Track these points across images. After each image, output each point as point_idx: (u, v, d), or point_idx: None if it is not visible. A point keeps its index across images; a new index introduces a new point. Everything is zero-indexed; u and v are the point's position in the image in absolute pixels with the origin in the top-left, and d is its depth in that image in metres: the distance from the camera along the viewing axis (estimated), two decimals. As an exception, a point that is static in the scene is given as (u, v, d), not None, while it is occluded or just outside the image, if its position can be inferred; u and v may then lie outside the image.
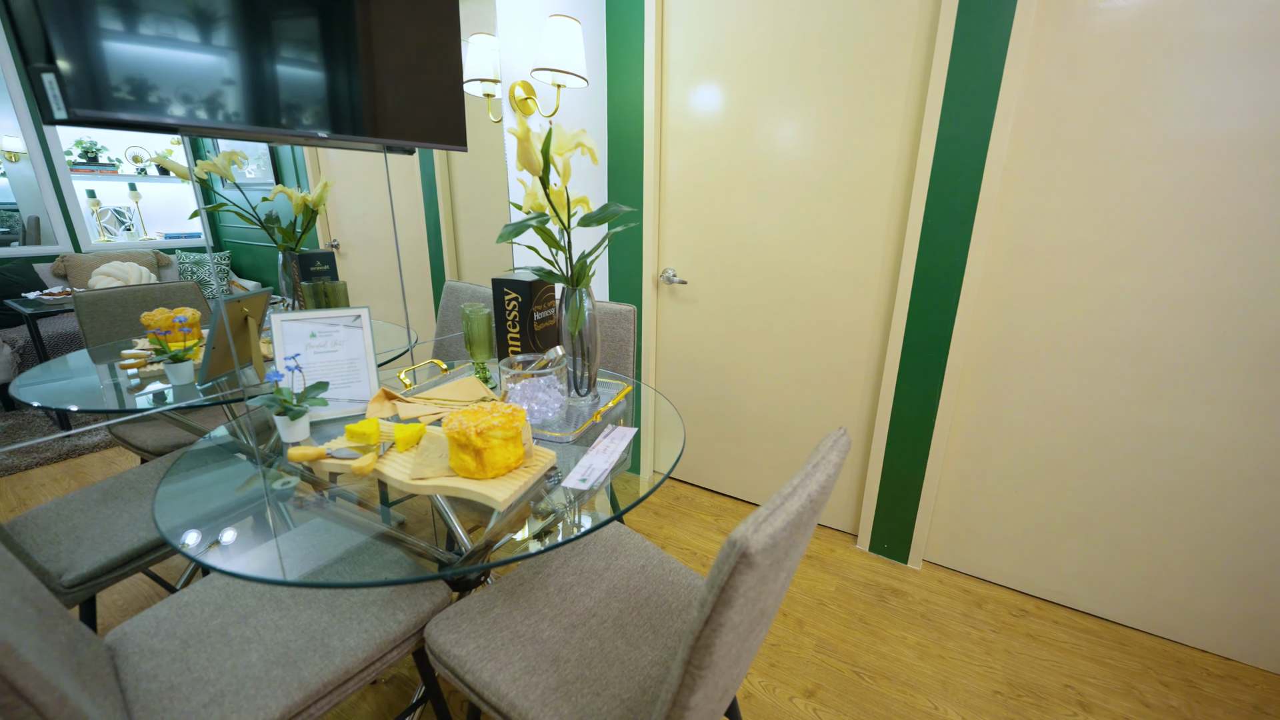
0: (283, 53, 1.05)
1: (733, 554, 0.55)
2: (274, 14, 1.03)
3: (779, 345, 1.97)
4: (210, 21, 0.95)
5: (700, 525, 2.08)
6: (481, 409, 0.89)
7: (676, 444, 1.11)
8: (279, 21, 1.05)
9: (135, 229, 1.78)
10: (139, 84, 0.90)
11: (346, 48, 1.14)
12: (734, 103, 1.84)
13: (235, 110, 1.01)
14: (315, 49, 1.09)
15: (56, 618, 0.82)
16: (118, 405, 1.38)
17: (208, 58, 0.97)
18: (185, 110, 0.94)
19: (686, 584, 1.09)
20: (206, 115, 0.97)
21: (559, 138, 0.90)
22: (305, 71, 1.09)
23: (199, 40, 0.95)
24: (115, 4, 0.87)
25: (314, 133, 1.11)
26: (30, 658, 0.62)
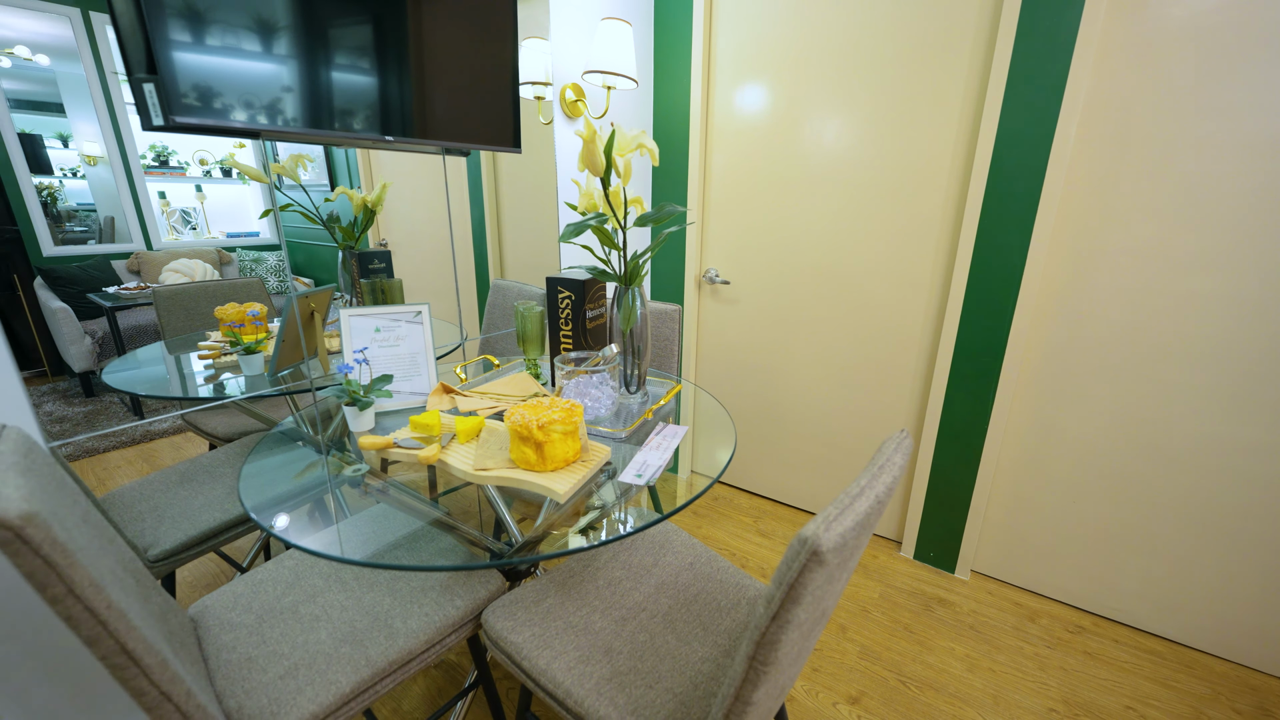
0: (358, 64, 1.10)
1: (803, 551, 0.56)
2: (351, 29, 1.08)
3: (822, 347, 1.95)
4: (295, 37, 1.01)
5: (739, 526, 2.07)
6: (540, 404, 0.92)
7: (718, 444, 1.12)
8: (355, 36, 1.10)
9: (200, 228, 1.90)
10: (230, 93, 0.96)
11: (415, 58, 1.18)
12: (780, 101, 1.83)
13: (313, 116, 1.06)
14: (387, 60, 1.14)
15: (150, 588, 0.88)
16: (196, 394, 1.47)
17: (289, 69, 1.02)
18: (268, 117, 1.00)
19: (735, 583, 1.09)
20: (286, 122, 1.02)
21: (620, 139, 0.92)
22: (377, 80, 1.14)
23: (283, 53, 1.01)
24: (212, 20, 0.93)
25: (382, 137, 1.15)
26: (137, 623, 0.67)
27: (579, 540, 0.84)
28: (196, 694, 0.72)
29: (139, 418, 1.87)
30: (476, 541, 0.96)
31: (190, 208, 1.87)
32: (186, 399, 1.45)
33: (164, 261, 1.87)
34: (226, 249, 1.97)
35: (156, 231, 1.79)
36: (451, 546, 1.05)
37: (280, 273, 2.13)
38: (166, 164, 1.79)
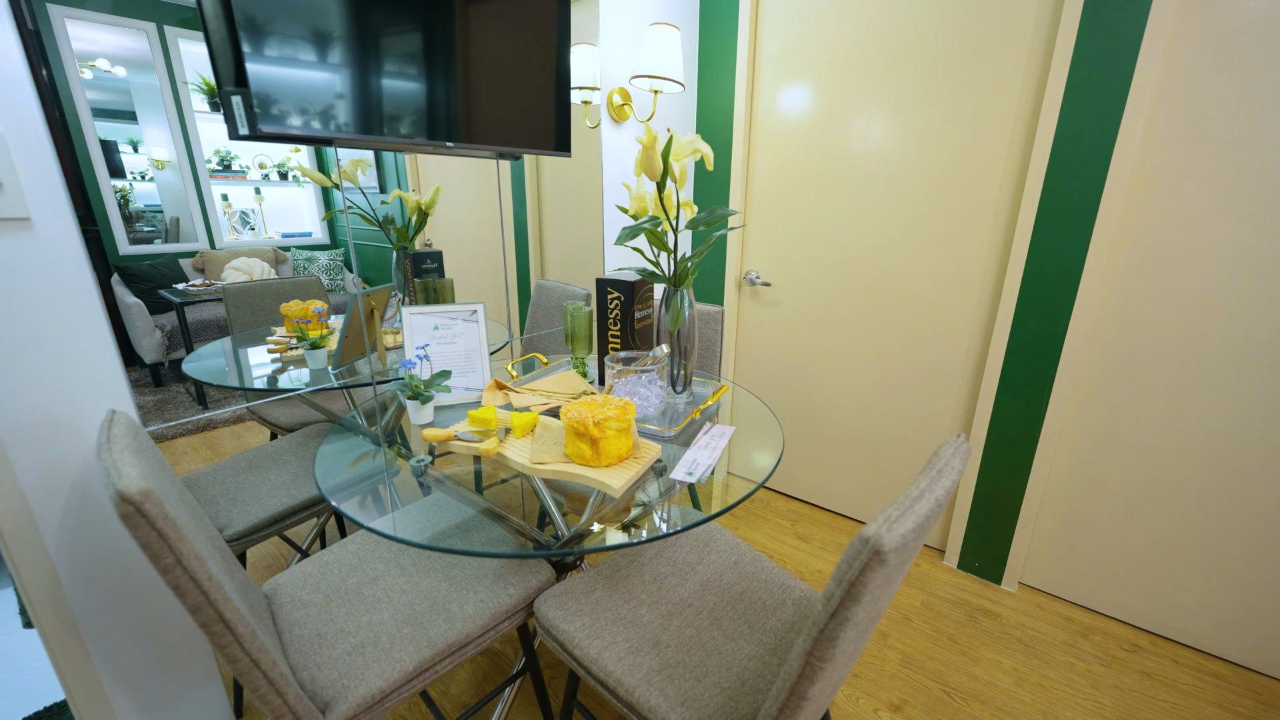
0: (424, 76, 1.15)
1: (865, 551, 0.57)
2: (419, 43, 1.14)
3: (865, 351, 1.93)
4: (370, 52, 1.07)
5: (776, 529, 2.06)
6: (594, 402, 0.94)
7: (758, 446, 1.13)
8: (423, 49, 1.15)
9: (258, 228, 2.01)
10: (309, 104, 1.02)
11: (477, 67, 1.23)
12: (825, 101, 1.82)
13: (381, 125, 1.12)
14: (452, 72, 1.19)
15: (232, 565, 0.95)
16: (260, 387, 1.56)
17: (362, 82, 1.08)
18: (341, 126, 1.06)
19: (780, 584, 1.10)
20: (357, 130, 1.08)
21: (676, 145, 0.94)
22: (443, 90, 1.19)
23: (358, 67, 1.07)
24: (296, 36, 1.00)
25: (444, 143, 1.21)
26: (232, 595, 0.72)
27: (623, 536, 0.86)
28: (280, 663, 0.77)
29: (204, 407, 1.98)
30: (525, 533, 1.00)
31: (249, 209, 1.98)
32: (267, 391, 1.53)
33: (226, 260, 1.98)
34: (281, 248, 2.08)
35: (219, 231, 1.91)
36: (501, 537, 1.09)
37: (331, 271, 2.24)
38: (229, 168, 1.90)
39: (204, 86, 1.77)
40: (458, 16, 1.19)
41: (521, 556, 0.90)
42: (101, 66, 1.47)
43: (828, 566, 1.85)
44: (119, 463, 0.68)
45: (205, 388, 1.79)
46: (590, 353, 1.38)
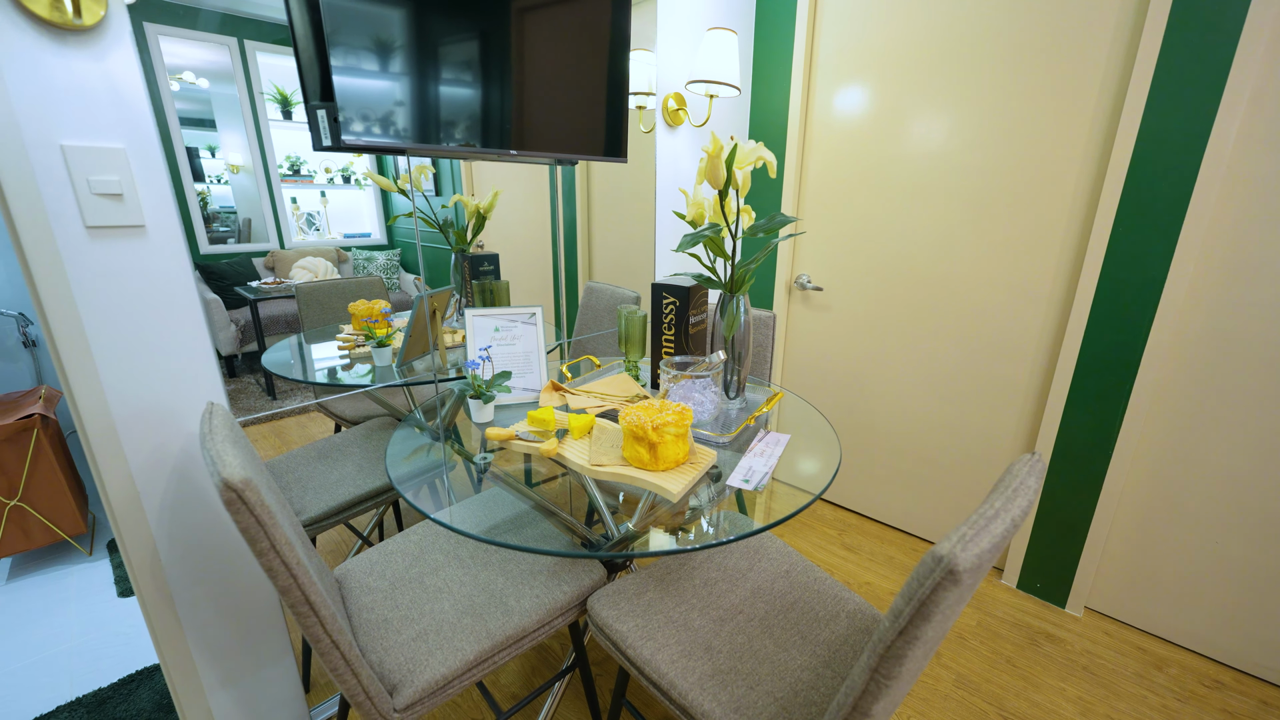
0: (493, 87, 1.20)
1: (938, 569, 0.56)
2: (487, 57, 1.18)
3: (921, 358, 1.87)
4: (444, 66, 1.12)
5: (822, 538, 2.03)
6: (651, 406, 0.96)
7: (809, 456, 1.11)
8: (491, 62, 1.20)
9: (322, 229, 2.12)
10: (385, 116, 1.08)
11: (540, 77, 1.27)
12: (885, 101, 1.77)
13: (449, 135, 1.17)
14: (516, 82, 1.23)
15: (309, 550, 1.01)
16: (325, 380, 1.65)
17: (435, 95, 1.13)
18: (414, 136, 1.12)
19: (833, 595, 1.08)
20: (428, 140, 1.14)
21: (740, 153, 0.94)
22: (507, 100, 1.23)
23: (433, 80, 1.12)
24: (378, 53, 1.05)
25: (507, 151, 1.25)
26: (315, 579, 0.77)
27: (675, 540, 0.87)
28: (355, 645, 0.82)
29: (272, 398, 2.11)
30: (576, 530, 1.02)
31: (315, 211, 2.10)
32: (338, 386, 1.62)
33: (293, 259, 2.11)
34: (343, 249, 2.20)
35: (288, 232, 2.03)
36: (552, 533, 1.12)
37: (388, 270, 2.34)
38: (298, 172, 2.02)
39: (278, 96, 1.89)
40: (527, 28, 1.23)
41: (579, 556, 0.92)
42: (188, 79, 1.58)
43: (876, 579, 1.81)
44: (221, 453, 0.73)
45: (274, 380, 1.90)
46: (643, 356, 1.39)
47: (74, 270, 0.87)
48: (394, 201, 2.30)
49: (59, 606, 1.68)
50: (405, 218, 1.95)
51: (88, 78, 0.84)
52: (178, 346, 0.99)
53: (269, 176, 1.95)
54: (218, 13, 1.54)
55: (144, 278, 0.93)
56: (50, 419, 1.80)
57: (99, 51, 0.85)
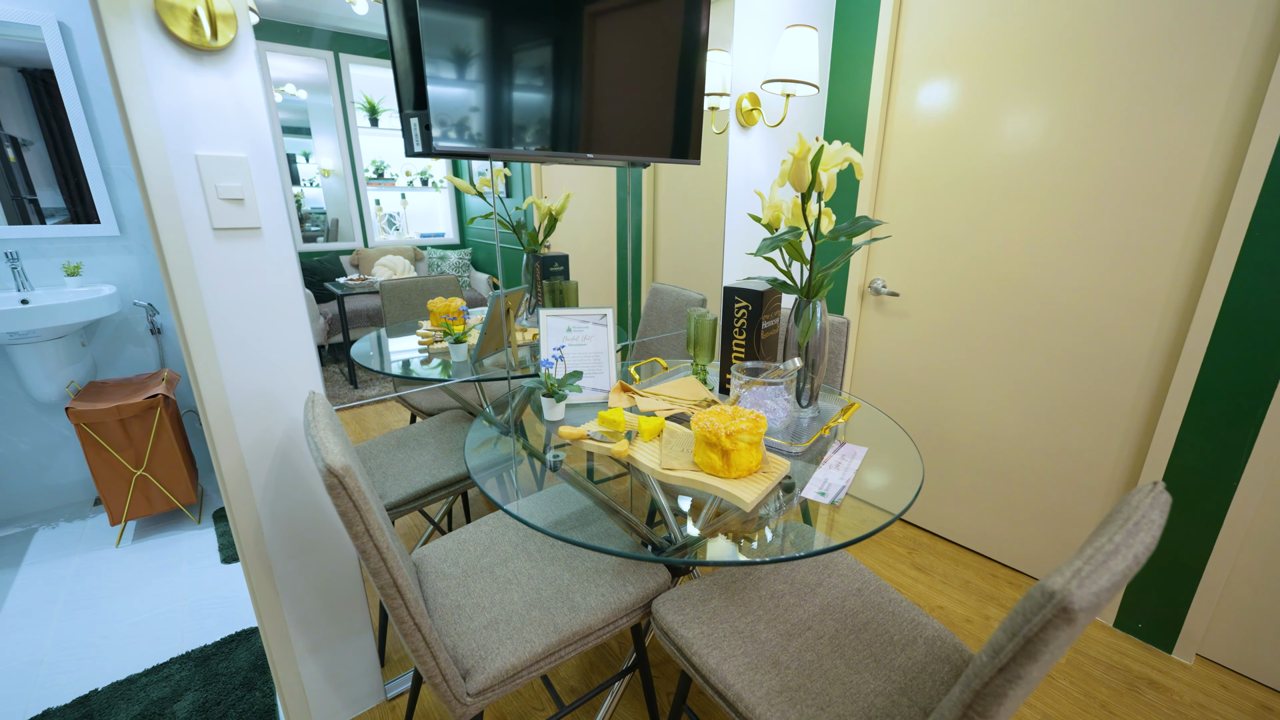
0: (572, 93, 1.23)
1: (1049, 605, 0.51)
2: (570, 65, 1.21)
3: (1008, 371, 1.74)
4: (526, 74, 1.16)
5: (891, 555, 1.93)
6: (723, 412, 0.94)
7: (888, 471, 1.06)
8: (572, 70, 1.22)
9: (401, 229, 2.25)
10: (472, 123, 1.13)
11: (617, 81, 1.29)
12: (976, 96, 1.66)
13: (530, 139, 1.20)
14: (595, 87, 1.26)
15: (393, 534, 1.07)
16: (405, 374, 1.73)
17: (519, 102, 1.17)
18: (497, 142, 1.16)
19: (909, 619, 1.03)
20: (510, 145, 1.17)
21: (826, 154, 0.91)
22: (586, 106, 1.26)
23: (516, 88, 1.15)
24: (469, 65, 1.10)
25: (584, 155, 1.27)
26: (401, 563, 0.82)
27: (742, 548, 0.85)
28: (434, 628, 0.86)
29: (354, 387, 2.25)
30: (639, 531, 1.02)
31: (395, 212, 2.23)
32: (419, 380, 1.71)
33: (375, 257, 2.24)
34: (420, 247, 2.32)
35: (371, 232, 2.17)
36: (614, 531, 1.13)
37: (459, 269, 2.44)
38: (382, 175, 2.16)
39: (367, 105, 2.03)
40: (606, 33, 1.24)
41: (649, 560, 0.92)
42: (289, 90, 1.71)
43: (950, 603, 1.70)
44: (324, 440, 0.79)
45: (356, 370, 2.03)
46: (712, 360, 1.38)
47: (202, 268, 0.96)
48: (467, 203, 2.40)
49: (172, 568, 1.87)
50: (483, 219, 2.03)
51: (218, 93, 0.93)
52: (284, 338, 1.07)
53: (356, 180, 2.09)
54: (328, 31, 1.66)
55: (258, 275, 1.02)
56: (171, 399, 2.00)
57: (228, 69, 0.93)
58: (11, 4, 1.82)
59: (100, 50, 1.98)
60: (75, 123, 1.97)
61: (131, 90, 0.85)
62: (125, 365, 2.23)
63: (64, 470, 2.18)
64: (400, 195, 2.23)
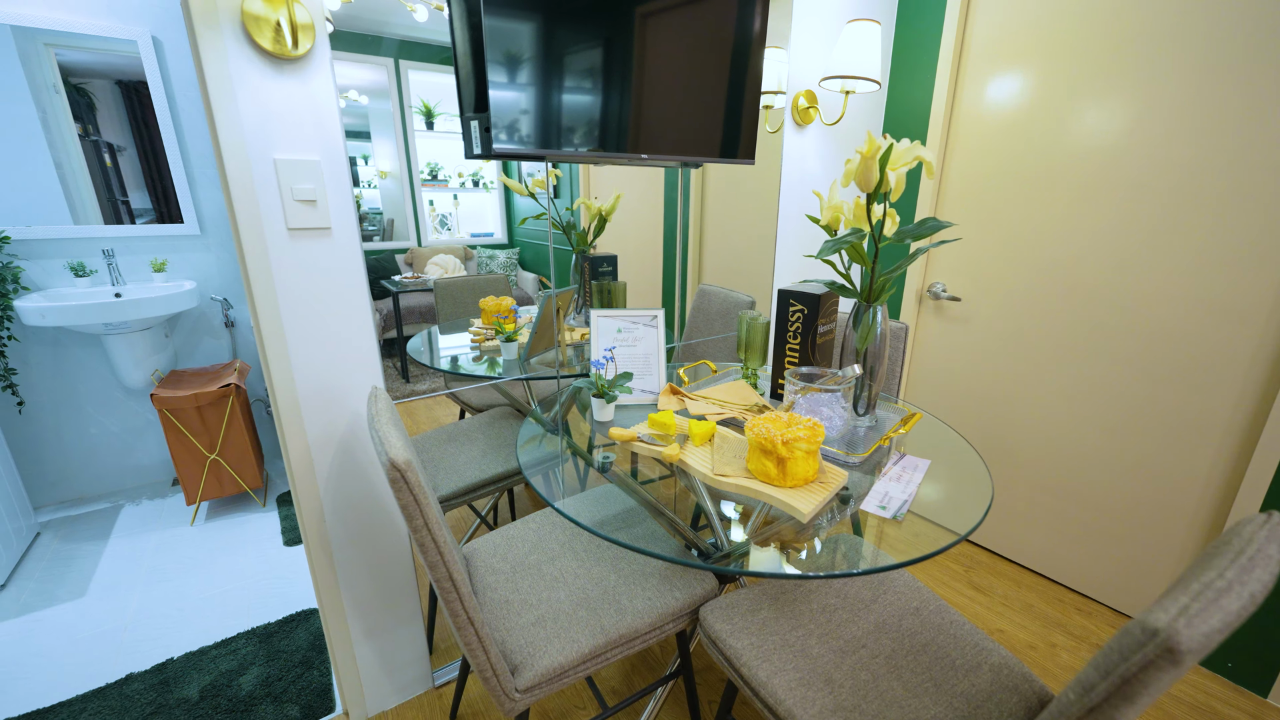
0: (628, 96, 1.23)
1: (1151, 645, 0.47)
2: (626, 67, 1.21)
3: (1084, 384, 1.63)
4: (587, 78, 1.16)
5: (946, 573, 1.85)
6: (778, 418, 0.92)
7: (950, 486, 1.00)
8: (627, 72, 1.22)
9: (453, 229, 2.31)
10: (529, 126, 1.14)
11: (672, 83, 1.28)
12: (1051, 91, 1.56)
13: (585, 141, 1.21)
14: (651, 89, 1.25)
15: (446, 528, 1.09)
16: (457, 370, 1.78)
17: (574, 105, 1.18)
18: (553, 144, 1.16)
19: (973, 643, 0.97)
20: (565, 147, 1.18)
21: (895, 153, 0.87)
22: (640, 107, 1.25)
23: (572, 91, 1.16)
24: (527, 69, 1.11)
25: (638, 155, 1.26)
26: (455, 556, 0.83)
27: (780, 557, 0.83)
28: (485, 622, 0.87)
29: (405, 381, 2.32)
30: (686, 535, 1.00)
31: (448, 212, 2.30)
32: (471, 377, 1.74)
33: (428, 256, 2.31)
34: (470, 247, 2.38)
35: (425, 231, 2.24)
36: (661, 535, 1.12)
37: (507, 268, 2.49)
38: (436, 177, 2.22)
39: (423, 109, 2.09)
40: (663, 34, 1.24)
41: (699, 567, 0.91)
42: (352, 96, 1.78)
43: (1011, 627, 1.61)
44: (387, 435, 0.81)
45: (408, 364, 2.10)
46: (763, 364, 1.35)
47: (277, 266, 1.01)
48: (516, 204, 2.44)
49: (240, 548, 1.99)
50: (534, 220, 2.06)
51: (295, 99, 0.97)
52: (350, 334, 1.12)
53: (412, 181, 2.17)
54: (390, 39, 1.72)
55: (327, 274, 1.06)
56: (242, 388, 2.13)
57: (305, 76, 0.97)
58: (111, 21, 1.97)
59: (186, 61, 2.13)
60: (164, 129, 2.12)
61: (219, 98, 0.90)
62: (202, 355, 2.39)
63: (147, 452, 2.35)
64: (453, 196, 2.30)
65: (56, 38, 1.92)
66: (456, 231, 2.37)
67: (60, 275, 2.05)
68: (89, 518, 2.17)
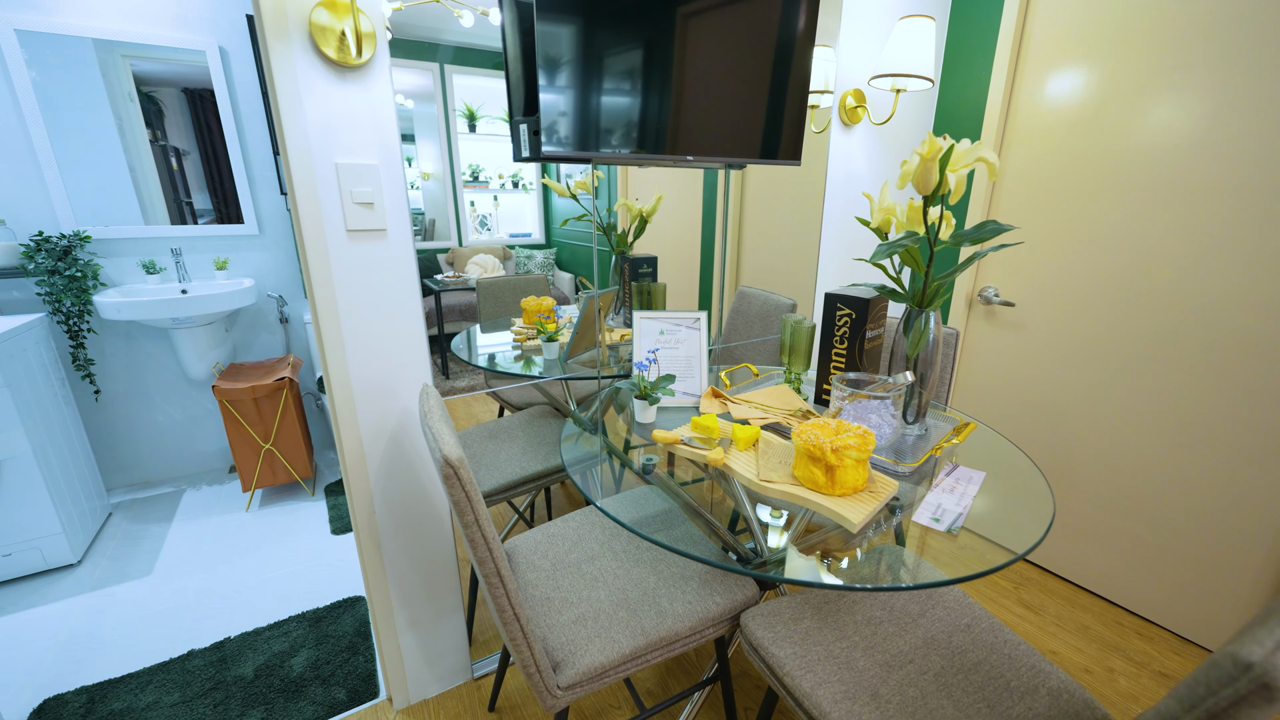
0: (674, 97, 1.22)
1: (1244, 679, 0.44)
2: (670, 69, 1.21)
3: (1154, 397, 1.54)
4: (628, 81, 1.17)
5: (994, 589, 1.78)
6: (827, 425, 0.90)
7: (1002, 499, 0.96)
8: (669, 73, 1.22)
9: (493, 229, 2.36)
10: (576, 129, 1.15)
11: (719, 82, 1.27)
12: (1119, 86, 1.48)
13: (632, 143, 1.21)
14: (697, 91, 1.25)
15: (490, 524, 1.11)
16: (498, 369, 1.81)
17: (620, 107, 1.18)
18: (599, 146, 1.17)
19: (1028, 664, 0.93)
20: (612, 149, 1.19)
21: (956, 154, 0.85)
22: (687, 108, 1.25)
23: (618, 94, 1.17)
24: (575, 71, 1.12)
25: (684, 157, 1.26)
26: (501, 553, 0.85)
27: (820, 565, 0.81)
28: (529, 619, 0.88)
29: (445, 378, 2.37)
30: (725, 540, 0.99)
31: (488, 213, 2.34)
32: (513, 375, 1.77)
33: (468, 256, 2.36)
34: (509, 247, 2.42)
35: (465, 232, 2.29)
36: (699, 538, 1.11)
37: (544, 268, 2.52)
38: (477, 179, 2.27)
39: (466, 112, 2.14)
40: (713, 37, 1.23)
41: (742, 573, 0.90)
42: (399, 100, 1.82)
43: (1066, 649, 1.53)
44: (439, 432, 0.83)
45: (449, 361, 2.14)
46: (807, 369, 1.32)
47: (336, 266, 1.05)
48: (554, 205, 2.47)
49: (291, 535, 2.07)
50: (575, 221, 2.08)
51: (356, 105, 1.01)
52: (401, 332, 1.15)
53: (454, 182, 2.22)
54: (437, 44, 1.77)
55: (382, 273, 1.10)
56: (294, 382, 2.22)
57: (366, 84, 1.01)
58: (184, 33, 2.09)
59: (248, 70, 2.23)
60: (228, 134, 2.23)
61: (287, 104, 0.94)
62: (258, 349, 2.50)
63: (207, 440, 2.48)
64: (493, 197, 2.34)
65: (133, 49, 2.05)
66: (496, 232, 2.41)
67: (133, 272, 2.19)
68: (155, 500, 2.30)
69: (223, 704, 1.37)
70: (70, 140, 2.01)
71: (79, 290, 2.01)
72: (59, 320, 2.04)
